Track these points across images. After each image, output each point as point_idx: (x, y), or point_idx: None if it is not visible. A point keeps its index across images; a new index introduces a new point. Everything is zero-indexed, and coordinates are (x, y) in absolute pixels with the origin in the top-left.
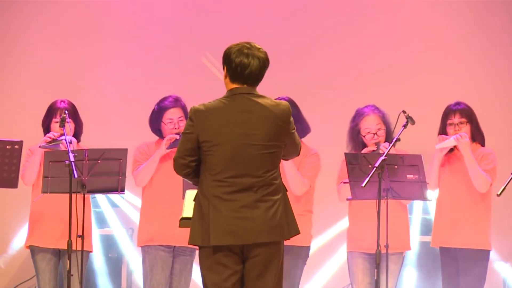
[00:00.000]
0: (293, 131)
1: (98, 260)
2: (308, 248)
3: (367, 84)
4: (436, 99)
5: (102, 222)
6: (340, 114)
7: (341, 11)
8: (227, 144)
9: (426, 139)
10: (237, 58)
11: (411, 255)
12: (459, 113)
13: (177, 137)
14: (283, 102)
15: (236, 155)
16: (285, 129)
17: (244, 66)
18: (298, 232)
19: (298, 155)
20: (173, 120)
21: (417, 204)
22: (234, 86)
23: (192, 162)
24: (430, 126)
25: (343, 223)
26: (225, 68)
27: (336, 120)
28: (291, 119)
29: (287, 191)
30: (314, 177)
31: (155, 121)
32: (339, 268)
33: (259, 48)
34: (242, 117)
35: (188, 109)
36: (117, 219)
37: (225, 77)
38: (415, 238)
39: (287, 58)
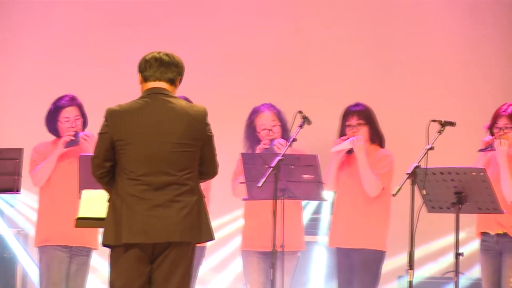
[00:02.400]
0: (211, 134)
1: None
2: (205, 248)
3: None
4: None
5: None
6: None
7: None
8: (141, 142)
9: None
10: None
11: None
12: (357, 115)
13: (74, 136)
14: (199, 105)
15: (149, 153)
16: (201, 130)
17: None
18: (211, 239)
19: (216, 173)
20: (70, 119)
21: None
22: (150, 86)
23: (106, 162)
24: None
25: (239, 222)
26: (139, 73)
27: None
28: (208, 121)
29: (204, 197)
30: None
31: (52, 121)
32: (234, 267)
33: (173, 55)
34: (156, 116)
35: (85, 108)
36: (12, 219)
37: (141, 81)
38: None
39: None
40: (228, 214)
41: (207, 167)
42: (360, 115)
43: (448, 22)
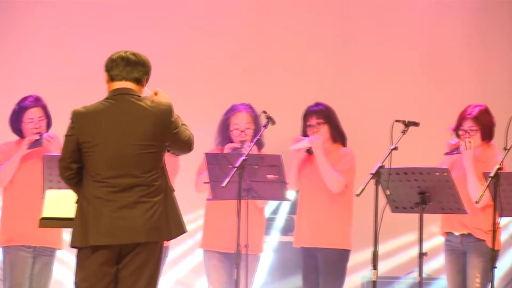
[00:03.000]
0: (176, 130)
1: None
2: (168, 247)
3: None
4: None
5: None
6: None
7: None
8: (106, 144)
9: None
10: (121, 62)
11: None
12: (316, 114)
13: (38, 137)
14: (164, 102)
15: (115, 155)
16: (166, 129)
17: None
18: (182, 232)
19: (190, 149)
20: (34, 119)
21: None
22: (116, 87)
23: (73, 164)
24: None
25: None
26: (106, 72)
27: None
28: (173, 119)
29: (174, 191)
30: None
31: (15, 121)
32: (196, 267)
33: (140, 54)
34: (121, 117)
35: (49, 109)
36: None
37: (107, 81)
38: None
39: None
40: (193, 212)
41: (178, 150)
42: (319, 114)
43: (412, 22)
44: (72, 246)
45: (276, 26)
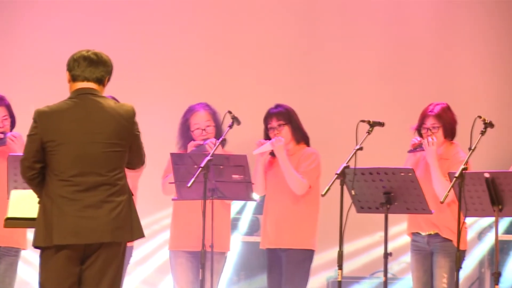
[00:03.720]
0: (138, 133)
1: None
2: (132, 247)
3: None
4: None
5: None
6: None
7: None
8: (71, 143)
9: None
10: (83, 61)
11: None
12: (276, 116)
13: (1, 136)
14: (128, 104)
15: (80, 153)
16: (130, 129)
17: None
18: (142, 236)
19: (143, 164)
20: None
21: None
22: (79, 87)
23: (36, 164)
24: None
25: (165, 222)
26: (68, 72)
27: None
28: (136, 120)
29: (133, 195)
30: None
31: None
32: (161, 267)
33: (102, 54)
34: (86, 116)
35: (13, 108)
36: None
37: (69, 80)
38: (239, 238)
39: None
40: (157, 213)
41: (134, 159)
42: (280, 116)
43: (375, 23)
44: (35, 246)
45: (240, 28)
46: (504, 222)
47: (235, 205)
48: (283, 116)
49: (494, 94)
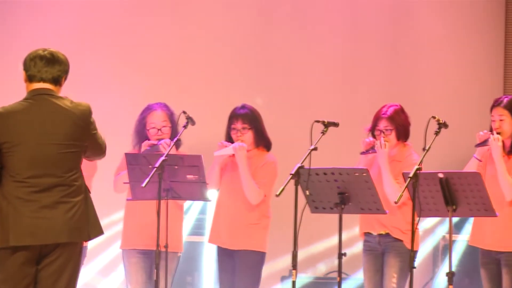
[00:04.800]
0: (95, 132)
1: None
2: (86, 247)
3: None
4: None
5: None
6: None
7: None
8: (27, 144)
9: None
10: (40, 61)
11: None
12: (242, 118)
13: None
14: (84, 103)
15: (36, 155)
16: (86, 129)
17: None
18: (100, 233)
19: (104, 155)
20: None
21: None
22: (35, 87)
23: None
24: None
25: (119, 222)
26: (24, 72)
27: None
28: (92, 119)
29: (90, 193)
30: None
31: None
32: (115, 267)
33: (58, 53)
34: (41, 117)
35: None
36: None
37: (25, 80)
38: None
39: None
40: (111, 215)
41: (92, 154)
42: (245, 118)
43: (330, 23)
44: None
45: (196, 28)
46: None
47: (197, 205)
48: (248, 119)
49: (449, 94)
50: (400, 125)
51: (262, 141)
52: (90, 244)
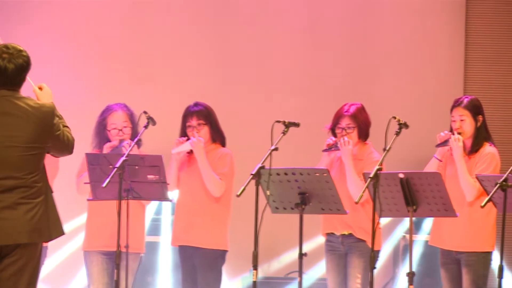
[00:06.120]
0: (58, 133)
1: None
2: (47, 248)
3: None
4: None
5: None
6: None
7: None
8: None
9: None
10: None
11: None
12: (196, 115)
13: None
14: (47, 104)
15: None
16: (48, 132)
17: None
18: (61, 234)
19: (70, 152)
20: None
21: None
22: None
23: None
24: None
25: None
26: None
27: None
28: (55, 121)
29: (53, 192)
30: None
31: None
32: (77, 268)
33: (20, 51)
34: (3, 119)
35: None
36: None
37: None
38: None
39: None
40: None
41: (57, 152)
42: (200, 115)
43: (291, 22)
44: None
45: (155, 25)
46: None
47: (153, 205)
48: (203, 115)
49: (410, 94)
50: (362, 123)
51: (218, 136)
52: (57, 246)
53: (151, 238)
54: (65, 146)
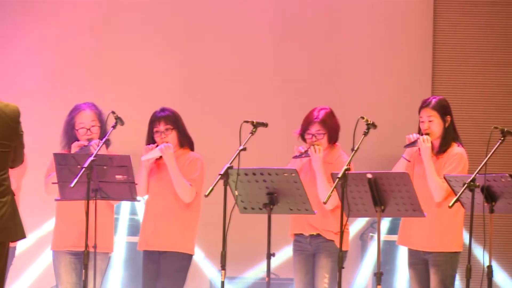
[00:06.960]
0: (22, 133)
1: None
2: (14, 248)
3: None
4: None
5: None
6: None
7: None
8: None
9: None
10: None
11: (119, 255)
12: (164, 120)
13: None
14: (12, 104)
15: None
16: (15, 129)
17: None
18: (24, 237)
19: (21, 162)
20: None
21: (125, 205)
22: None
23: None
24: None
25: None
26: None
27: None
28: (20, 120)
29: (14, 195)
30: None
31: None
32: (45, 268)
33: None
34: None
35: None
36: None
37: None
38: (123, 238)
39: None
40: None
41: (16, 158)
42: (167, 120)
43: (257, 21)
44: None
45: (126, 26)
46: (386, 223)
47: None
48: (171, 120)
49: (378, 94)
50: (332, 128)
51: (186, 141)
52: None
53: (132, 238)
54: (23, 151)
